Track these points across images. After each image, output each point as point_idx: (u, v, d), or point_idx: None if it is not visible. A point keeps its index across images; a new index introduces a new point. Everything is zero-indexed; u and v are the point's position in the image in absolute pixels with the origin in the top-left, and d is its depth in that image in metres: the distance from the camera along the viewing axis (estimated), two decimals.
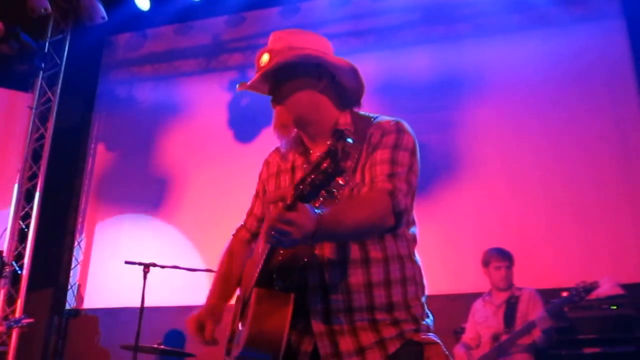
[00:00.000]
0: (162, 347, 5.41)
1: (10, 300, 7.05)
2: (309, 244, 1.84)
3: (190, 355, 6.15)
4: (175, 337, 6.48)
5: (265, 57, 2.15)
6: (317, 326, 1.98)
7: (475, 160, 6.36)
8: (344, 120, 2.16)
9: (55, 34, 7.92)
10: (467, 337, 5.16)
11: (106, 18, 7.46)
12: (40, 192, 7.41)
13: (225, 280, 2.35)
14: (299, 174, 2.18)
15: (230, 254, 2.40)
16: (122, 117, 8.01)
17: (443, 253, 6.07)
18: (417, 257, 2.16)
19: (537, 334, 4.66)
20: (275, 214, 1.70)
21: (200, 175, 7.24)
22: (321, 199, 1.79)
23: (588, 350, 4.81)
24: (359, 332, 1.97)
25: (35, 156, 7.56)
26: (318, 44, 2.20)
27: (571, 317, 4.91)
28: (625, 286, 5.05)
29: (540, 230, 5.95)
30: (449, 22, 6.97)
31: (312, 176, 1.64)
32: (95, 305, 7.21)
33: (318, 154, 1.89)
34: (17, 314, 6.80)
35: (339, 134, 1.65)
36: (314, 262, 1.98)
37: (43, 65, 7.67)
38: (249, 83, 2.24)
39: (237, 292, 2.35)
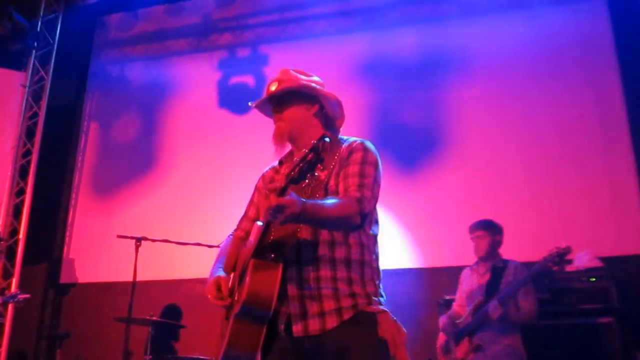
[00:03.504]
0: (154, 318, 5.55)
1: (7, 274, 7.12)
2: (294, 222, 2.33)
3: (181, 326, 6.31)
4: (167, 309, 6.59)
5: (274, 85, 2.73)
6: (292, 290, 2.48)
7: (459, 137, 6.41)
8: None
9: (48, 14, 7.91)
10: (456, 304, 5.20)
11: None
12: (34, 168, 7.47)
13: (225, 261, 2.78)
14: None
15: (228, 246, 2.83)
16: (114, 95, 8.03)
17: (428, 227, 6.17)
18: (377, 249, 2.67)
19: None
20: (272, 197, 2.19)
21: (190, 152, 7.30)
22: (307, 180, 2.49)
23: (567, 321, 4.89)
24: (323, 299, 2.46)
25: (29, 133, 7.61)
26: (312, 80, 2.77)
27: (551, 288, 5.02)
28: (603, 259, 5.19)
29: (520, 205, 5.98)
30: (435, 3, 7.01)
31: (300, 165, 2.30)
32: (89, 279, 7.26)
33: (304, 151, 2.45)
34: (13, 288, 6.87)
35: (320, 137, 2.33)
36: (295, 242, 2.51)
37: (35, 44, 7.68)
38: (257, 101, 2.80)
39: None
